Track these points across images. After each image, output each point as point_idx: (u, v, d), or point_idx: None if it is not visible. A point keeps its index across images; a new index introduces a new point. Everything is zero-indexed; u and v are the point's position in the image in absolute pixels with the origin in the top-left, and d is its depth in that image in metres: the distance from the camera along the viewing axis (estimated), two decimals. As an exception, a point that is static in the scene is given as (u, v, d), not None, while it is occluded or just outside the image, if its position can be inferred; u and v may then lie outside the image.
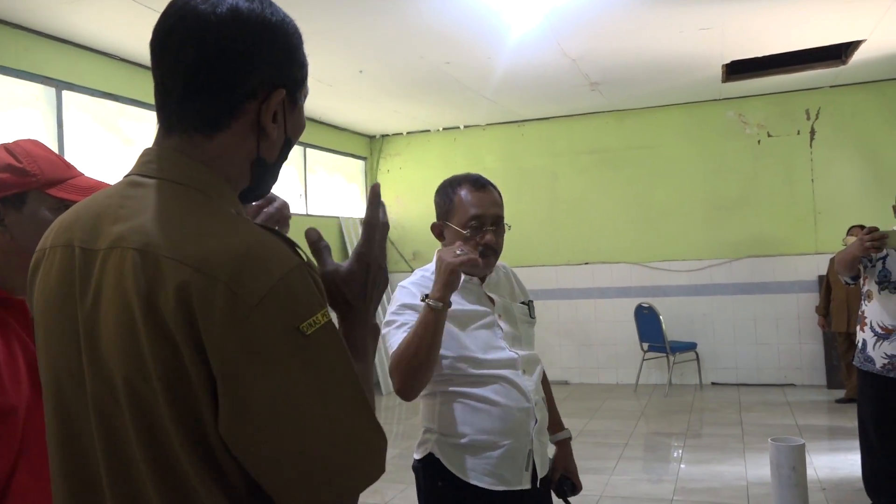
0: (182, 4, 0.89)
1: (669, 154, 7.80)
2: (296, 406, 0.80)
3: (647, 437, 5.88)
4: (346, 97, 6.73)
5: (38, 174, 1.40)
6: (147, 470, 0.83)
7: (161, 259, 0.81)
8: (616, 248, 7.94)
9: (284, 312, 0.80)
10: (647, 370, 7.65)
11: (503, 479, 1.89)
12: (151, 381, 0.81)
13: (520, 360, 1.96)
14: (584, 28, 4.99)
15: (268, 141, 0.93)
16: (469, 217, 1.94)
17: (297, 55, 0.95)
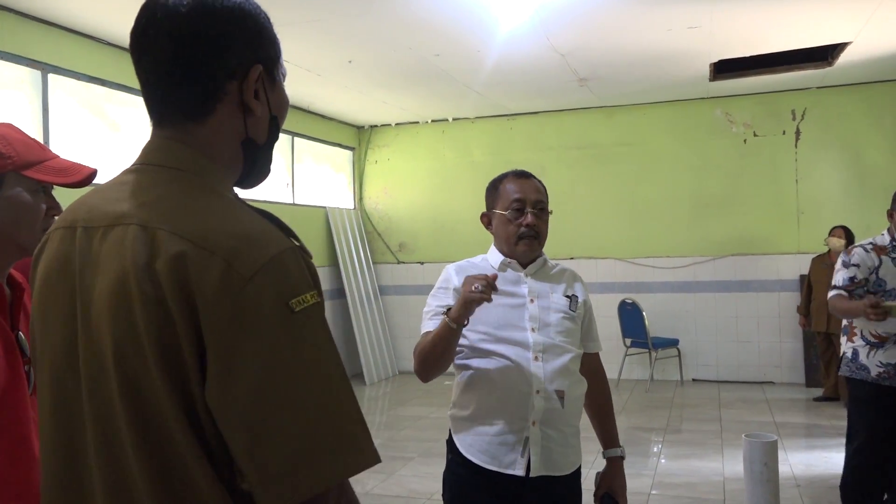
0: (151, 4, 0.94)
1: (656, 151, 7.84)
2: (280, 379, 0.82)
3: (628, 431, 5.93)
4: (335, 87, 6.72)
5: (13, 156, 1.40)
6: (131, 436, 0.85)
7: (161, 233, 0.85)
8: (601, 243, 7.99)
9: (276, 287, 0.83)
10: (629, 365, 7.71)
11: (495, 459, 1.95)
12: (143, 349, 0.83)
13: (534, 343, 1.98)
14: (573, 24, 5.01)
15: (253, 117, 0.97)
16: (511, 201, 2.07)
17: (266, 33, 0.99)
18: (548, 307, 2.06)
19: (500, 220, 2.09)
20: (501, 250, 2.13)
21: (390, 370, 8.47)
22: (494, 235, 2.16)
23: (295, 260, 0.87)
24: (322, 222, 8.06)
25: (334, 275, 8.10)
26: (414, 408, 6.88)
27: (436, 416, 6.45)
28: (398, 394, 7.62)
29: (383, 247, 8.83)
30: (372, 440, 0.89)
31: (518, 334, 2.00)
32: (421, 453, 5.27)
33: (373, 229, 8.88)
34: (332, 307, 8.07)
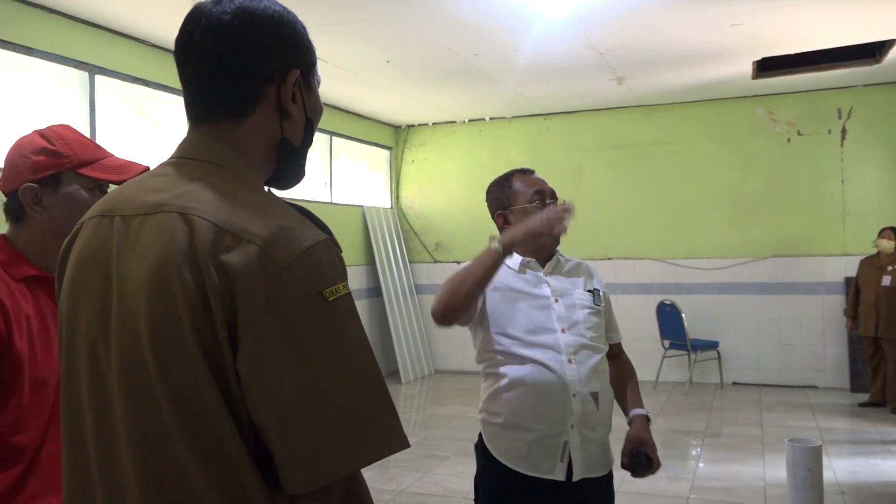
0: (196, 12, 0.99)
1: (696, 150, 7.72)
2: (312, 365, 0.85)
3: (666, 434, 5.85)
4: (373, 87, 6.76)
5: (70, 155, 1.47)
6: (170, 409, 0.87)
7: (200, 221, 0.89)
8: (640, 244, 7.90)
9: (310, 277, 0.87)
10: (667, 367, 7.62)
11: (534, 465, 1.91)
12: (182, 331, 0.86)
13: (565, 345, 1.96)
14: (612, 21, 4.96)
15: (290, 120, 1.02)
16: (533, 192, 2.08)
17: (303, 40, 1.04)
18: (573, 304, 2.05)
19: (523, 214, 2.05)
20: (519, 250, 2.07)
21: (426, 368, 8.49)
22: None
23: (328, 252, 0.90)
24: (359, 221, 8.11)
25: (371, 273, 8.15)
26: (449, 407, 6.89)
27: (471, 415, 6.45)
28: (434, 392, 7.64)
29: (419, 246, 8.85)
30: (401, 426, 0.91)
31: (549, 337, 1.97)
32: (456, 452, 5.27)
33: (409, 228, 8.91)
34: (368, 305, 8.12)
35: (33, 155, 1.48)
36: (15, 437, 1.39)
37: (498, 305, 2.00)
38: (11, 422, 1.39)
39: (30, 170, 1.46)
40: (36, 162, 1.47)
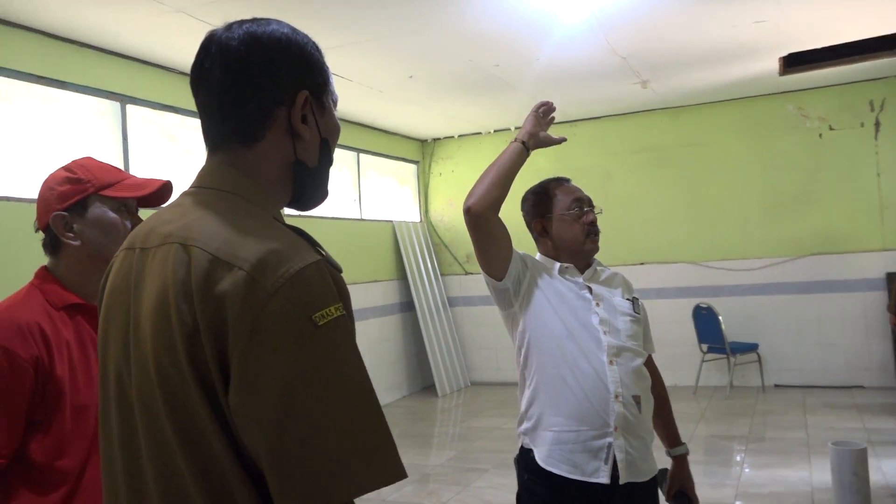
0: (208, 40, 1.01)
1: (726, 150, 7.63)
2: (301, 393, 0.83)
3: (708, 440, 5.76)
4: (397, 102, 6.81)
5: (91, 180, 1.55)
6: (176, 440, 0.88)
7: (198, 251, 0.90)
8: (672, 247, 7.81)
9: (299, 301, 0.85)
10: (706, 372, 7.49)
11: (578, 468, 1.90)
12: (179, 362, 0.87)
13: (608, 347, 1.96)
14: (632, 25, 4.94)
15: (302, 142, 1.02)
16: (572, 200, 2.13)
17: (313, 61, 1.04)
18: (614, 310, 2.06)
19: (563, 221, 2.11)
20: (559, 257, 2.12)
21: (462, 381, 8.48)
22: (554, 241, 2.14)
23: (319, 273, 0.88)
24: (389, 236, 8.15)
25: (403, 288, 8.17)
26: (487, 419, 6.86)
27: (509, 426, 6.41)
28: (470, 405, 7.62)
29: (450, 258, 8.86)
30: (397, 455, 0.88)
31: (591, 339, 1.98)
32: (495, 465, 5.24)
33: (439, 241, 8.93)
34: (402, 320, 8.14)
35: (58, 186, 1.55)
36: (58, 461, 1.42)
37: (540, 305, 2.00)
38: (54, 447, 1.42)
39: (57, 200, 1.54)
40: (61, 192, 1.54)
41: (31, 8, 4.04)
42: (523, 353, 2.03)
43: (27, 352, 1.44)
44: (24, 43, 4.30)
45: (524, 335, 2.02)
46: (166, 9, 4.11)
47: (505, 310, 2.06)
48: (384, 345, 7.73)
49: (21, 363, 1.43)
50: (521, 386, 2.05)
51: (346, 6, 4.28)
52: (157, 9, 4.10)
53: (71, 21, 4.27)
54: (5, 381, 1.43)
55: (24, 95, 4.35)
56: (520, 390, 2.07)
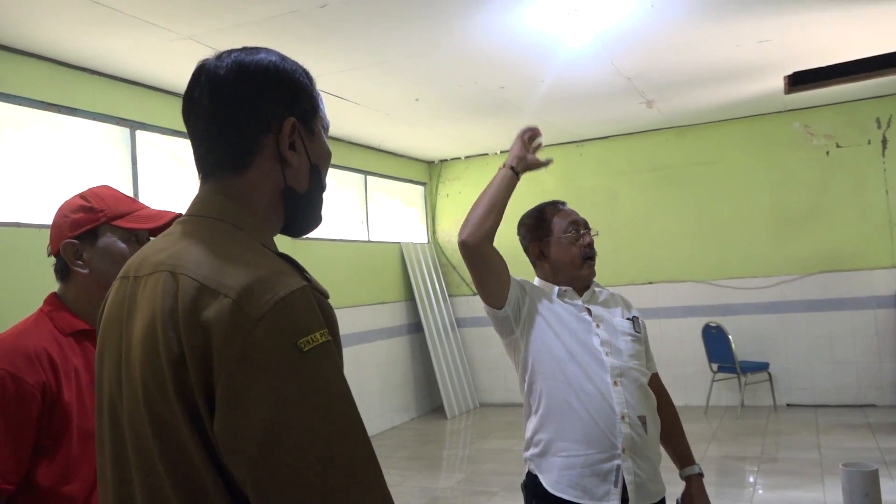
0: (199, 69, 1.03)
1: (733, 169, 7.63)
2: (286, 420, 0.82)
3: (719, 460, 5.70)
4: (404, 124, 6.85)
5: (104, 209, 1.57)
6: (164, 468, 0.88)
7: (185, 279, 0.90)
8: (680, 266, 7.79)
9: (284, 328, 0.85)
10: (717, 391, 7.44)
11: (588, 493, 1.89)
12: (166, 389, 0.87)
13: (611, 368, 1.96)
14: (637, 46, 4.97)
15: (291, 169, 1.03)
16: (569, 223, 2.14)
17: (302, 87, 1.05)
18: (615, 330, 2.05)
19: (560, 245, 2.12)
20: (557, 280, 2.12)
21: (471, 403, 8.43)
22: (552, 264, 2.14)
23: (304, 300, 0.88)
24: (397, 257, 8.17)
25: (411, 309, 8.17)
26: (496, 441, 6.82)
27: (518, 448, 6.36)
28: (480, 427, 7.57)
29: (458, 279, 8.86)
30: (383, 481, 0.88)
31: (594, 361, 1.97)
32: (504, 487, 5.20)
33: (447, 262, 8.93)
34: (410, 341, 8.13)
35: (72, 213, 1.57)
36: (64, 487, 1.43)
37: (542, 330, 2.00)
38: (61, 472, 1.43)
39: (69, 227, 1.56)
40: (74, 219, 1.56)
41: (41, 36, 4.10)
42: (527, 379, 2.03)
43: (34, 378, 1.45)
44: (35, 71, 4.36)
45: (527, 361, 2.02)
46: (175, 36, 4.17)
47: (506, 337, 2.06)
48: (392, 367, 7.71)
49: (28, 389, 1.44)
50: (527, 411, 2.05)
51: (352, 31, 4.33)
52: (167, 36, 4.16)
53: (81, 49, 4.33)
54: (13, 407, 1.44)
55: (36, 122, 4.41)
56: (525, 416, 2.06)
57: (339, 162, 7.29)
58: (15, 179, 4.26)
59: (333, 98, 5.67)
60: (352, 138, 7.32)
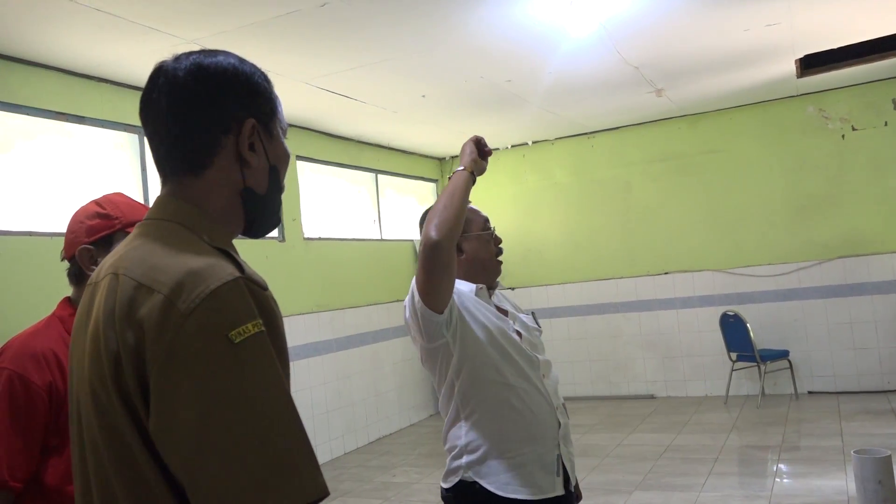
0: (156, 71, 1.03)
1: (746, 156, 7.54)
2: (217, 412, 0.83)
3: (740, 450, 5.64)
4: (412, 122, 6.84)
5: (119, 217, 1.62)
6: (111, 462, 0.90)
7: (124, 279, 0.92)
8: (696, 255, 7.71)
9: (215, 321, 0.86)
10: (737, 381, 7.36)
11: (539, 488, 1.91)
12: (108, 389, 0.89)
13: (541, 363, 2.02)
14: (642, 35, 4.91)
15: (250, 169, 1.03)
16: (484, 220, 2.18)
17: (261, 90, 1.06)
18: (526, 327, 2.11)
19: (480, 241, 2.14)
20: (468, 277, 2.09)
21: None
22: (468, 261, 2.10)
23: (237, 291, 0.88)
24: (410, 256, 8.17)
25: (426, 306, 8.16)
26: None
27: (536, 443, 6.35)
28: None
29: (473, 275, 8.83)
30: (319, 472, 0.88)
31: (524, 356, 1.99)
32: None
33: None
34: (426, 339, 8.12)
35: (88, 220, 1.63)
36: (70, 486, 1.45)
37: (473, 332, 1.94)
38: (67, 472, 1.46)
39: (85, 233, 1.61)
40: (90, 226, 1.62)
41: (49, 47, 4.14)
42: (458, 384, 1.94)
43: (41, 378, 1.51)
44: (43, 81, 4.41)
45: (459, 365, 1.93)
46: (179, 41, 4.19)
47: (432, 342, 1.92)
48: (408, 365, 7.71)
49: (36, 390, 1.50)
50: (454, 418, 1.97)
51: (353, 30, 4.33)
52: (171, 41, 4.18)
53: (87, 57, 4.37)
54: (21, 407, 1.48)
55: (46, 132, 4.46)
56: (451, 423, 1.98)
57: (349, 161, 7.30)
58: (27, 189, 4.31)
59: (340, 97, 5.68)
60: (361, 137, 7.32)
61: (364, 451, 6.65)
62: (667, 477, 5.05)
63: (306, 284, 6.42)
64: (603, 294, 8.09)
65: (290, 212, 6.40)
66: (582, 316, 8.19)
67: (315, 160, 6.86)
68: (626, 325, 8.00)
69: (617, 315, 8.04)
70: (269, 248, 6.07)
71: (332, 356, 6.61)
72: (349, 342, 6.86)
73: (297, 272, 6.34)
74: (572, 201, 8.30)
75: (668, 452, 5.65)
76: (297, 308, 6.23)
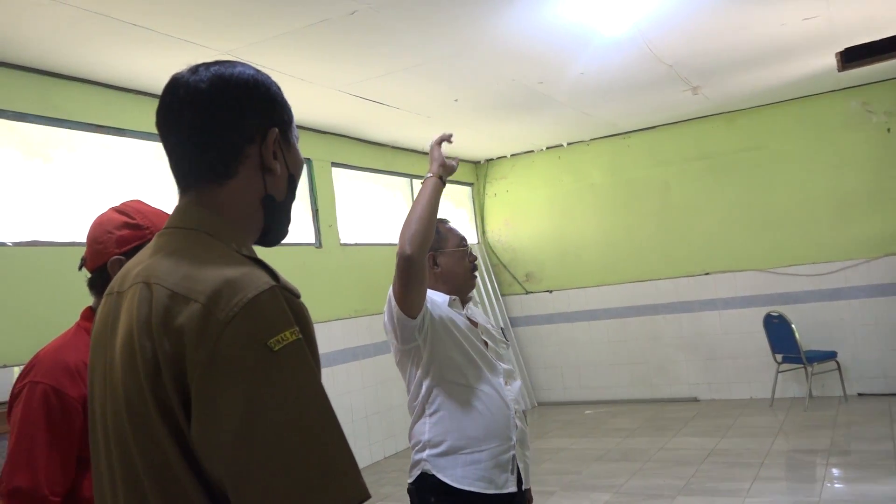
0: (174, 83, 1.04)
1: (787, 153, 7.36)
2: (260, 419, 0.84)
3: (787, 455, 5.50)
4: (445, 126, 6.84)
5: (150, 226, 1.62)
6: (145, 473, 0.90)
7: (157, 288, 0.92)
8: (737, 255, 7.55)
9: (253, 328, 0.87)
10: (783, 383, 7.18)
11: (493, 483, 2.09)
12: (145, 398, 0.89)
13: (503, 370, 2.20)
14: (676, 32, 4.84)
15: (273, 177, 1.05)
16: (459, 239, 2.32)
17: (278, 99, 1.08)
18: (494, 338, 2.28)
19: (455, 257, 2.27)
20: (442, 289, 2.25)
21: (528, 402, 8.36)
22: (443, 275, 2.26)
23: (273, 299, 0.90)
24: (446, 260, 8.15)
25: (463, 311, 8.14)
26: (553, 440, 6.74)
27: (577, 447, 6.28)
28: (537, 426, 7.50)
29: (510, 278, 8.81)
30: (359, 475, 0.89)
31: (487, 362, 2.17)
32: (563, 486, 5.14)
33: (498, 261, 8.89)
34: (463, 343, 8.10)
35: (116, 230, 1.62)
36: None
37: (442, 337, 2.12)
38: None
39: (115, 244, 1.61)
40: (120, 236, 1.61)
41: (88, 61, 4.25)
42: (426, 383, 2.13)
43: (76, 391, 1.51)
44: (84, 95, 4.52)
45: (427, 367, 2.12)
46: (214, 52, 4.26)
47: (406, 344, 2.11)
48: (447, 369, 7.69)
49: (71, 403, 1.51)
50: (419, 415, 2.16)
51: (383, 36, 4.35)
52: (206, 53, 4.25)
53: (125, 71, 4.47)
54: (57, 421, 1.49)
55: (86, 144, 4.57)
56: (416, 419, 2.17)
57: (383, 167, 7.33)
58: (68, 200, 4.42)
59: (372, 103, 5.71)
60: (395, 143, 7.35)
61: (403, 456, 6.66)
62: (711, 482, 4.95)
63: (343, 290, 6.47)
64: (642, 296, 7.98)
65: (327, 218, 6.45)
66: (621, 318, 8.09)
67: (350, 166, 6.91)
68: (667, 327, 7.87)
69: (657, 317, 7.92)
70: (305, 254, 6.13)
71: (371, 361, 6.63)
72: (387, 347, 6.87)
73: (335, 278, 6.38)
74: (609, 202, 8.21)
75: (712, 456, 5.54)
76: (334, 313, 6.27)
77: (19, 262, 4.04)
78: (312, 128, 6.35)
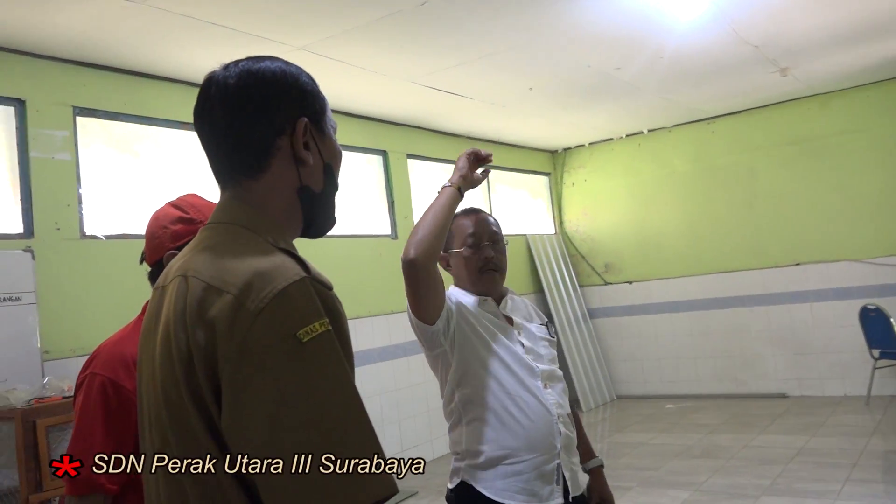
0: (207, 81, 1.06)
1: (884, 135, 6.91)
2: (288, 410, 0.84)
3: (885, 455, 5.19)
4: (520, 115, 6.77)
5: (202, 220, 1.64)
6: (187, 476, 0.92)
7: (193, 281, 0.94)
8: (831, 244, 7.17)
9: (283, 320, 0.87)
10: (879, 380, 6.78)
11: (535, 495, 1.93)
12: (180, 390, 0.91)
13: (540, 372, 2.03)
14: (760, 10, 4.60)
15: (306, 168, 1.05)
16: (466, 235, 2.11)
17: (309, 89, 1.08)
18: (534, 337, 2.10)
19: (459, 258, 2.11)
20: (468, 290, 2.12)
21: (607, 395, 8.22)
22: (455, 277, 2.15)
23: (303, 290, 0.90)
24: (524, 250, 8.10)
25: (540, 301, 8.08)
26: (632, 434, 6.60)
27: (656, 442, 6.13)
28: (616, 420, 7.36)
29: (588, 269, 8.66)
30: (388, 470, 0.88)
31: (523, 367, 2.02)
32: (640, 482, 5.02)
33: (576, 252, 8.76)
34: (540, 334, 8.03)
35: (171, 225, 1.67)
36: None
37: (470, 341, 2.00)
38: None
39: (170, 238, 1.65)
40: (175, 231, 1.65)
41: (172, 61, 4.43)
42: (458, 390, 2.01)
43: (132, 383, 1.54)
44: (169, 93, 4.71)
45: (458, 374, 2.00)
46: (289, 48, 4.35)
47: (433, 350, 2.02)
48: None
49: (127, 394, 1.55)
50: (455, 422, 2.03)
51: (455, 26, 4.33)
52: (282, 49, 4.35)
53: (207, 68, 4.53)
54: (115, 412, 1.54)
55: (172, 141, 4.76)
56: (453, 427, 2.05)
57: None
58: (155, 194, 4.62)
59: (446, 94, 5.70)
60: (470, 133, 7.33)
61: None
62: (798, 482, 4.73)
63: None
64: (727, 287, 7.69)
65: (402, 209, 6.51)
66: (704, 310, 7.83)
67: (425, 157, 6.94)
68: (753, 320, 7.56)
69: (742, 309, 7.62)
70: (381, 245, 6.20)
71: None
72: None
73: (410, 269, 6.41)
74: (692, 190, 7.94)
75: (801, 456, 5.29)
76: (409, 304, 6.31)
77: (112, 255, 4.25)
78: (387, 120, 6.41)
